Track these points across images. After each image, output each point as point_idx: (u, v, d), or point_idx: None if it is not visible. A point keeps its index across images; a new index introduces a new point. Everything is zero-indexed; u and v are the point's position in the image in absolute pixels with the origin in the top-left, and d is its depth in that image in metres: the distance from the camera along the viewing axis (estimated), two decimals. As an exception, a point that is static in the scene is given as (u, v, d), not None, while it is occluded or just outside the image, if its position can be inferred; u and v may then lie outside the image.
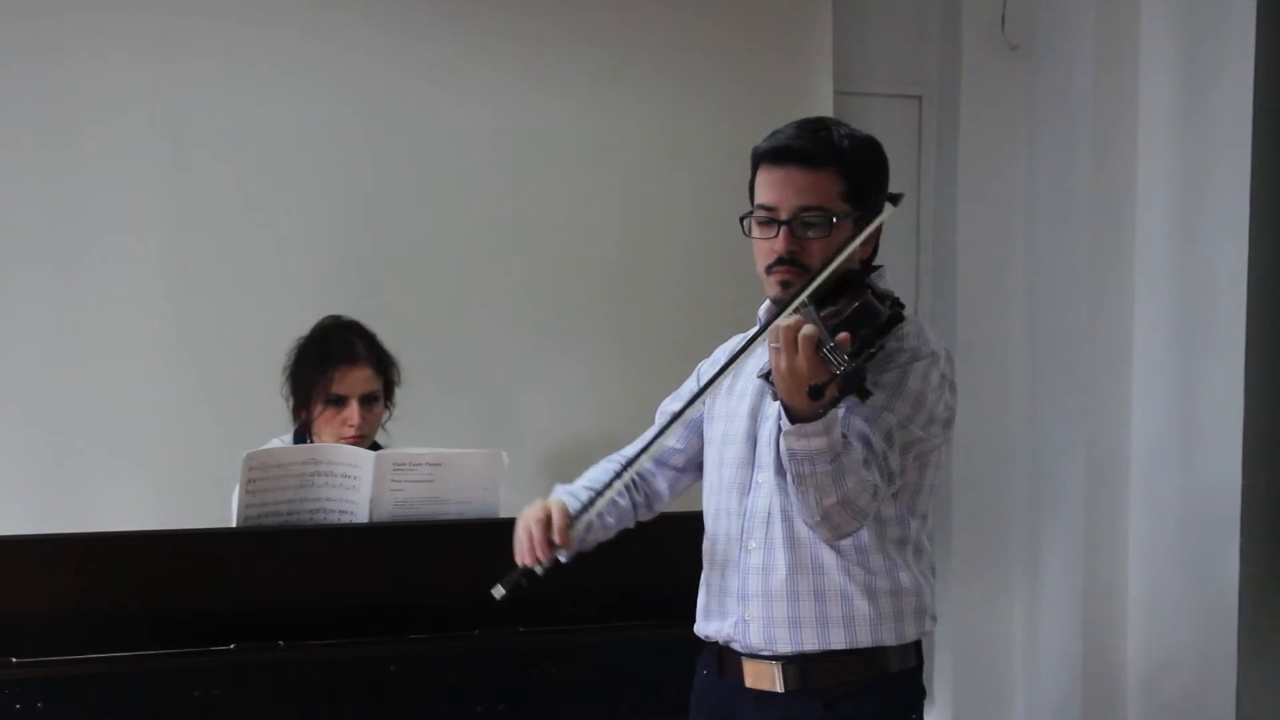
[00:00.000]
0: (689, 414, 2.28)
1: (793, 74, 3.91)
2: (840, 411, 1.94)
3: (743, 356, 2.14)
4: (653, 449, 2.32)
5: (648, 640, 2.73)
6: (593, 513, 2.24)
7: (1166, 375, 3.42)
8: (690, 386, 2.43)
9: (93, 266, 3.43)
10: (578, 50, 3.75)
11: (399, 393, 3.14)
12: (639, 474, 2.40)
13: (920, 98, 4.12)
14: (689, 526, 2.36)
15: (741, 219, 2.19)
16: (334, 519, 2.77)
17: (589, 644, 2.72)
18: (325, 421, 3.03)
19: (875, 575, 2.12)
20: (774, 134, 2.18)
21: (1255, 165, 3.15)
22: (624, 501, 2.37)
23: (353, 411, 3.01)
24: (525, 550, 2.18)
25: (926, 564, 2.19)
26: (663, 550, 2.46)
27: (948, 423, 2.15)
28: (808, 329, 1.85)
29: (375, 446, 3.09)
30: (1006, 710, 3.93)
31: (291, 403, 3.08)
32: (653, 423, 2.44)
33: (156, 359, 3.42)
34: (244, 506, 2.72)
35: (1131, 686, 3.54)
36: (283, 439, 3.11)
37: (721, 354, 2.39)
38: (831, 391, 1.83)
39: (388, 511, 2.77)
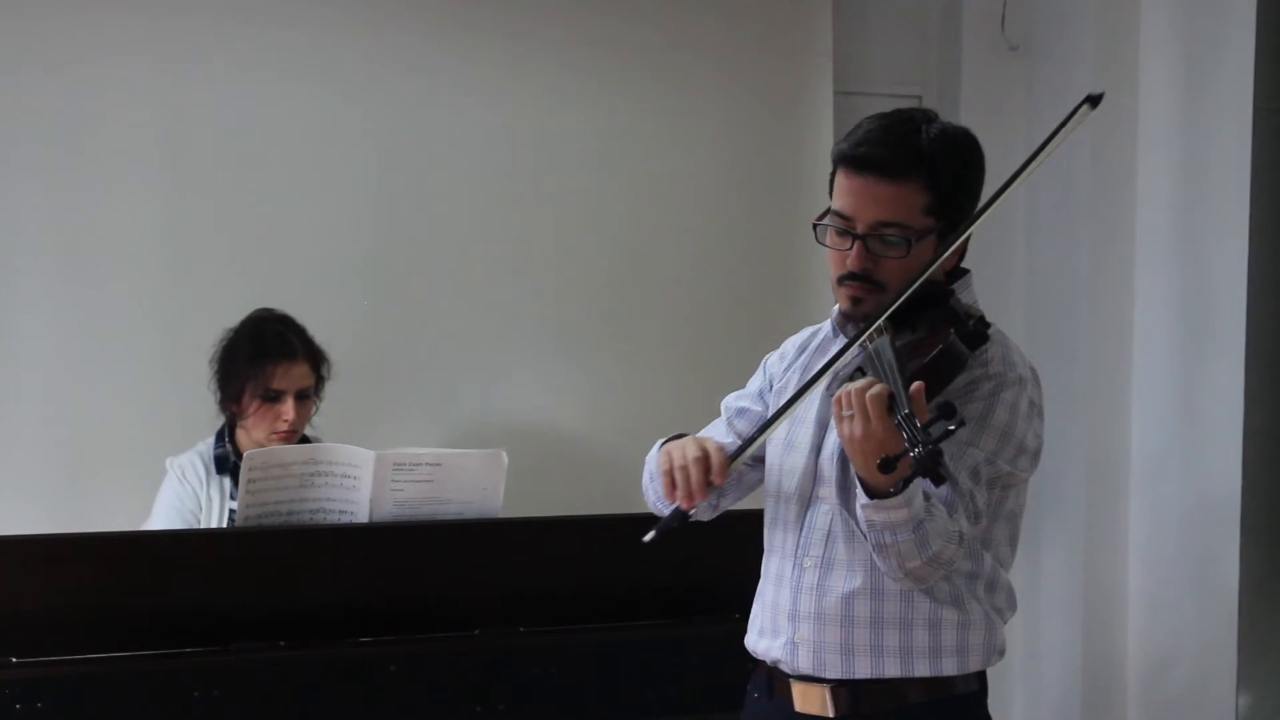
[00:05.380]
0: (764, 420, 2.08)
1: (793, 74, 3.91)
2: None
3: (813, 387, 1.95)
4: (754, 448, 2.04)
5: (648, 640, 2.73)
6: (744, 459, 2.03)
7: (1166, 375, 3.41)
8: (757, 382, 2.26)
9: (96, 268, 3.43)
10: (578, 50, 3.74)
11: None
12: None
13: (920, 98, 4.11)
14: (689, 526, 2.35)
15: (815, 224, 2.01)
16: (334, 519, 2.78)
17: (589, 644, 2.72)
18: (259, 416, 3.00)
19: (941, 605, 1.97)
20: (856, 131, 1.99)
21: (1255, 165, 3.15)
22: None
23: (288, 407, 2.99)
24: (682, 491, 1.96)
25: (1003, 598, 2.05)
26: (662, 550, 2.45)
27: (1036, 453, 2.01)
28: (876, 390, 1.73)
29: (304, 440, 3.08)
30: (1006, 710, 3.92)
31: (220, 396, 3.06)
32: (706, 418, 2.28)
33: (159, 360, 3.42)
34: (244, 506, 2.73)
35: (1131, 686, 3.53)
36: (206, 442, 3.08)
37: (791, 347, 2.23)
38: (903, 470, 1.68)
39: (388, 511, 2.77)
